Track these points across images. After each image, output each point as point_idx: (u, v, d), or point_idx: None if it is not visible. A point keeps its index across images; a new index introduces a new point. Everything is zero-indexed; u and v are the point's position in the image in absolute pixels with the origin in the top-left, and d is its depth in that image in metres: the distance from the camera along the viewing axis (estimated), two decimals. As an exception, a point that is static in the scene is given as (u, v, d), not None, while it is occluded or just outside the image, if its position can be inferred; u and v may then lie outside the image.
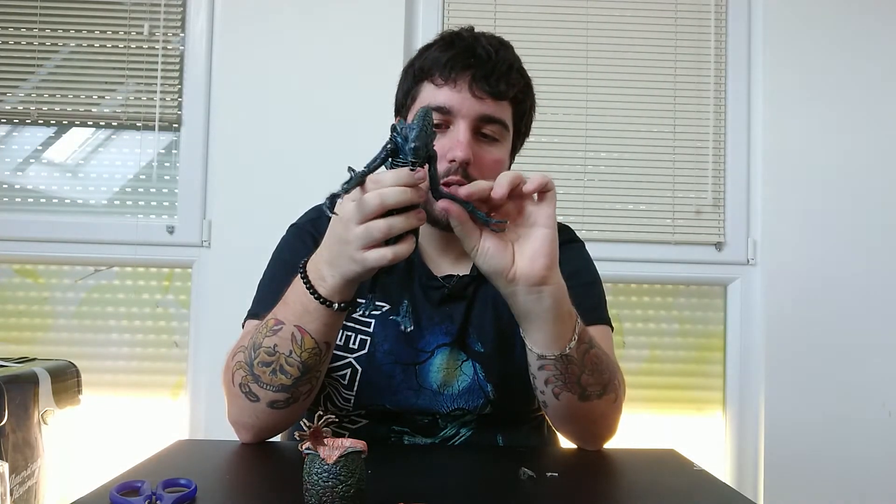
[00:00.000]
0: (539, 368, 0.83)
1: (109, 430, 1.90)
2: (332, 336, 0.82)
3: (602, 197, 1.99)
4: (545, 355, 0.81)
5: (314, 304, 0.77)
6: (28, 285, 1.97)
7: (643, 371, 2.00)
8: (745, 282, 1.99)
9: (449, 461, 0.89)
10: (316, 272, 0.77)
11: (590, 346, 0.84)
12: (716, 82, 2.01)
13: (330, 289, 0.76)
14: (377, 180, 0.69)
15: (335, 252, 0.74)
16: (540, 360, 0.82)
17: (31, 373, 1.49)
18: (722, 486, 0.77)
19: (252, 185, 1.91)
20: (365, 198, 0.68)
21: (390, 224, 0.68)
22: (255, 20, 1.94)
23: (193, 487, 0.67)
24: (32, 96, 1.97)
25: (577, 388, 0.84)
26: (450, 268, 1.02)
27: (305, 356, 0.80)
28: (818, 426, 1.91)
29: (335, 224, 0.73)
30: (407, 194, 0.68)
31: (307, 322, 0.79)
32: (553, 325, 0.79)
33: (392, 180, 0.68)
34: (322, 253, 0.77)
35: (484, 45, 0.94)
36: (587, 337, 0.84)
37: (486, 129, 0.93)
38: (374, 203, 0.68)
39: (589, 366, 0.84)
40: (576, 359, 0.82)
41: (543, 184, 0.75)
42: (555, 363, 0.81)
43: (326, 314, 0.78)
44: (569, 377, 0.83)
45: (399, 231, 0.69)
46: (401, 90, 1.01)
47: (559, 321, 0.79)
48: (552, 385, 0.84)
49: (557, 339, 0.80)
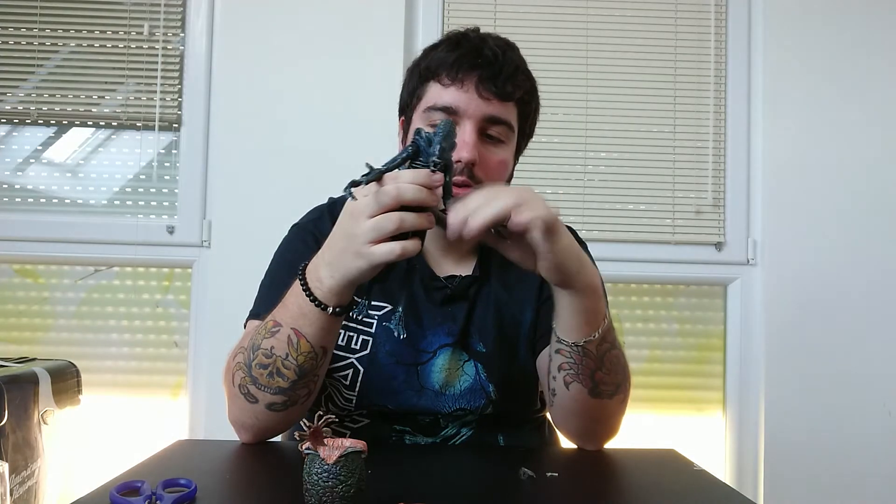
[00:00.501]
0: (556, 352, 0.85)
1: (109, 430, 1.90)
2: (329, 341, 0.82)
3: (602, 197, 1.99)
4: (562, 339, 0.83)
5: (310, 306, 0.77)
6: (28, 285, 1.97)
7: (643, 371, 1.99)
8: (745, 282, 1.99)
9: (449, 461, 0.89)
10: (314, 275, 0.77)
11: (612, 346, 0.86)
12: (716, 82, 2.01)
13: (327, 291, 0.76)
14: (395, 177, 0.70)
15: (339, 248, 0.74)
16: (558, 342, 0.84)
17: (31, 373, 1.49)
18: (722, 486, 0.77)
19: (252, 185, 1.91)
20: (383, 189, 0.69)
21: (402, 218, 0.69)
22: (255, 20, 1.94)
23: (193, 487, 0.66)
24: (32, 96, 1.97)
25: (590, 383, 0.85)
26: (452, 268, 1.02)
27: (301, 360, 0.80)
28: (818, 426, 1.91)
29: (344, 218, 0.74)
30: (423, 193, 0.69)
31: (303, 325, 0.79)
32: (575, 316, 0.82)
33: (410, 178, 0.69)
34: (323, 254, 0.77)
35: (491, 46, 0.94)
36: (612, 337, 0.86)
37: (492, 131, 0.93)
38: (391, 195, 0.68)
39: (607, 365, 0.85)
40: (594, 353, 0.83)
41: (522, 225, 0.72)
42: (570, 350, 0.83)
43: (322, 318, 0.78)
44: (582, 369, 0.84)
45: (409, 228, 0.69)
46: (406, 90, 1.00)
47: (582, 315, 0.81)
48: (564, 372, 0.85)
49: (577, 330, 0.82)
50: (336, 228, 0.76)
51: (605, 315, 0.84)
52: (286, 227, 1.06)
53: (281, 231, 1.06)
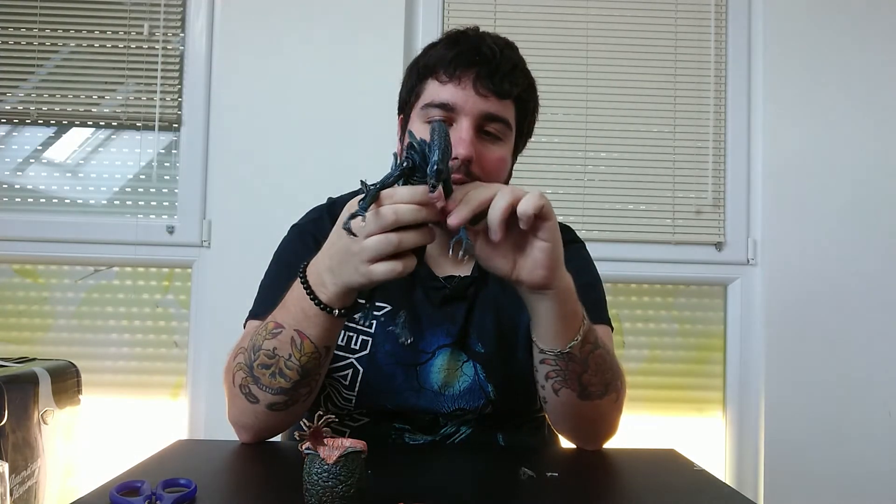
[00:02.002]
0: (541, 362, 0.84)
1: (109, 430, 1.90)
2: (332, 340, 0.82)
3: (602, 197, 1.99)
4: (546, 350, 0.82)
5: (314, 309, 0.77)
6: (28, 285, 1.97)
7: (643, 371, 1.99)
8: (745, 282, 1.99)
9: (449, 461, 0.89)
10: (317, 278, 0.77)
11: (595, 346, 0.85)
12: (716, 82, 2.01)
13: (331, 295, 0.75)
14: (391, 195, 0.68)
15: (338, 261, 0.73)
16: (541, 354, 0.83)
17: (31, 373, 1.49)
18: (722, 486, 0.77)
19: (252, 185, 1.91)
20: (381, 211, 0.67)
21: (401, 239, 0.68)
22: (255, 20, 1.94)
23: (193, 487, 0.67)
24: (32, 96, 1.97)
25: (577, 386, 0.85)
26: (452, 268, 1.02)
27: (304, 360, 0.80)
28: (818, 426, 1.91)
29: (340, 235, 0.72)
30: (422, 213, 0.67)
31: (307, 327, 0.78)
32: (555, 323, 0.80)
33: (408, 197, 0.67)
34: (323, 260, 0.76)
35: (489, 44, 0.94)
36: (593, 337, 0.85)
37: (489, 128, 0.93)
38: (389, 219, 0.67)
39: (592, 366, 0.84)
40: (578, 357, 0.82)
41: (536, 209, 0.72)
42: (555, 359, 0.82)
43: (327, 320, 0.77)
44: (569, 374, 0.83)
45: (409, 247, 0.68)
46: (405, 87, 1.00)
47: (562, 320, 0.80)
48: (552, 380, 0.85)
49: (559, 337, 0.81)
50: (334, 237, 0.74)
51: (583, 316, 0.83)
52: (286, 227, 1.06)
53: (281, 231, 1.06)
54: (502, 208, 0.71)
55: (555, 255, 0.76)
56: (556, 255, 0.76)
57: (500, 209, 0.71)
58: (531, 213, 0.71)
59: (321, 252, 0.77)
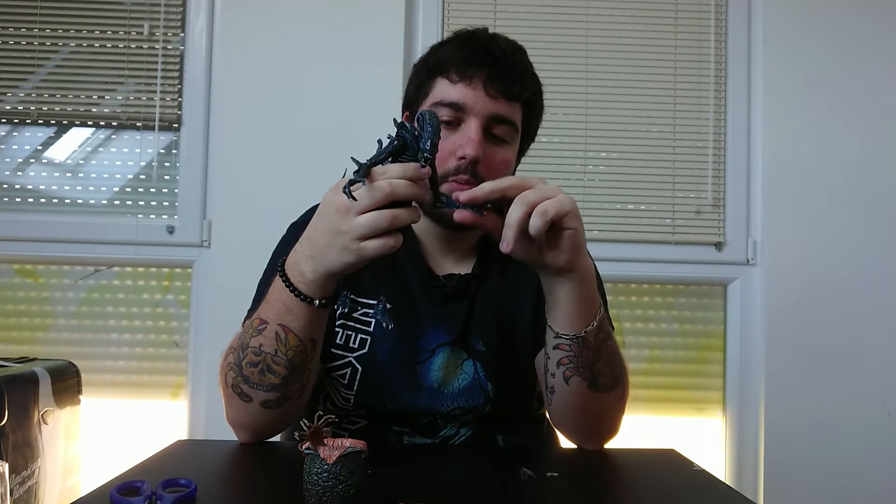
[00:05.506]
0: (554, 348, 0.85)
1: (109, 431, 1.90)
2: (318, 333, 0.82)
3: (602, 197, 1.99)
4: (562, 334, 0.83)
5: (295, 301, 0.77)
6: (28, 285, 1.97)
7: (643, 371, 1.99)
8: (745, 282, 1.99)
9: (449, 461, 0.89)
10: (295, 269, 0.78)
11: (608, 336, 0.86)
12: (716, 82, 2.01)
13: (311, 284, 0.76)
14: (384, 171, 0.69)
15: (323, 243, 0.73)
16: (557, 338, 0.84)
17: (31, 373, 1.49)
18: (722, 486, 0.77)
19: (252, 185, 1.91)
20: (375, 185, 0.68)
21: (396, 215, 0.69)
22: (255, 20, 1.94)
23: (193, 487, 0.67)
24: (32, 96, 1.97)
25: (589, 375, 0.85)
26: (452, 267, 1.02)
27: (291, 354, 0.80)
28: (818, 426, 1.91)
29: (328, 214, 0.73)
30: (415, 188, 0.69)
31: (290, 320, 0.79)
32: (574, 306, 0.82)
33: (400, 173, 0.69)
34: (303, 249, 0.77)
35: (500, 46, 0.94)
36: (606, 327, 0.86)
37: (497, 130, 0.94)
38: (384, 192, 0.68)
39: (604, 355, 0.85)
40: (592, 344, 0.83)
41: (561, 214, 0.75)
42: (570, 344, 0.83)
43: (308, 311, 0.78)
44: (582, 361, 0.84)
45: (402, 223, 0.70)
46: (412, 84, 1.00)
47: (581, 304, 0.82)
48: (564, 367, 0.85)
49: (576, 320, 0.82)
50: (316, 222, 0.75)
51: (600, 303, 0.85)
52: (286, 227, 1.06)
53: (281, 231, 1.06)
54: (546, 212, 0.74)
55: (578, 240, 0.78)
56: (579, 239, 0.78)
57: (544, 213, 0.73)
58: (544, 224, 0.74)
59: (300, 242, 0.78)
